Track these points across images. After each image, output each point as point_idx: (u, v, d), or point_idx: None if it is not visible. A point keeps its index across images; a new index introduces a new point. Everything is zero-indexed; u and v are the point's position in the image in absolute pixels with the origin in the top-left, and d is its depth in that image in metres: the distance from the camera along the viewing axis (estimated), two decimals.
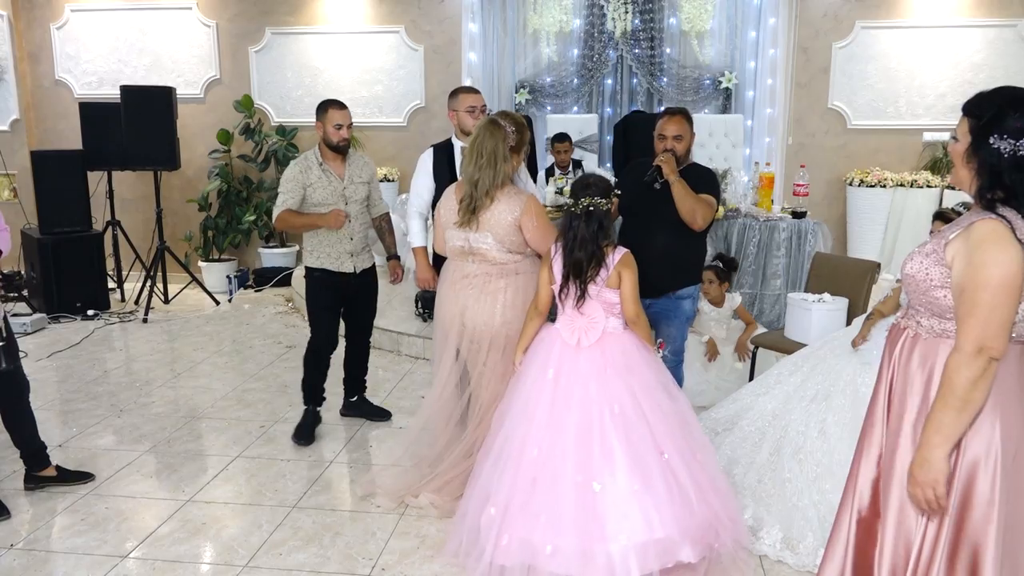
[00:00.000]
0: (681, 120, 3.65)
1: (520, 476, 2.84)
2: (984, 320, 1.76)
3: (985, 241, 1.77)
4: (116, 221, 7.30)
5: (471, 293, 3.32)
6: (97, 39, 8.13)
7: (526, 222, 3.22)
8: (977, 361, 1.77)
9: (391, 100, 8.02)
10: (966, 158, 1.87)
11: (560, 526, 2.74)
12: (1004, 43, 7.27)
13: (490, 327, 3.29)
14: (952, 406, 1.79)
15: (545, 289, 3.08)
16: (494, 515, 2.82)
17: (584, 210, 2.96)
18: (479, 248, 3.28)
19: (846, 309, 4.31)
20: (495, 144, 3.20)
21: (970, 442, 1.84)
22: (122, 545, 3.15)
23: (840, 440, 3.26)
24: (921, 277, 1.91)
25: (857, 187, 7.34)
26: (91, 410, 4.63)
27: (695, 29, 7.56)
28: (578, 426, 2.83)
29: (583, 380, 2.89)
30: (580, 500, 2.75)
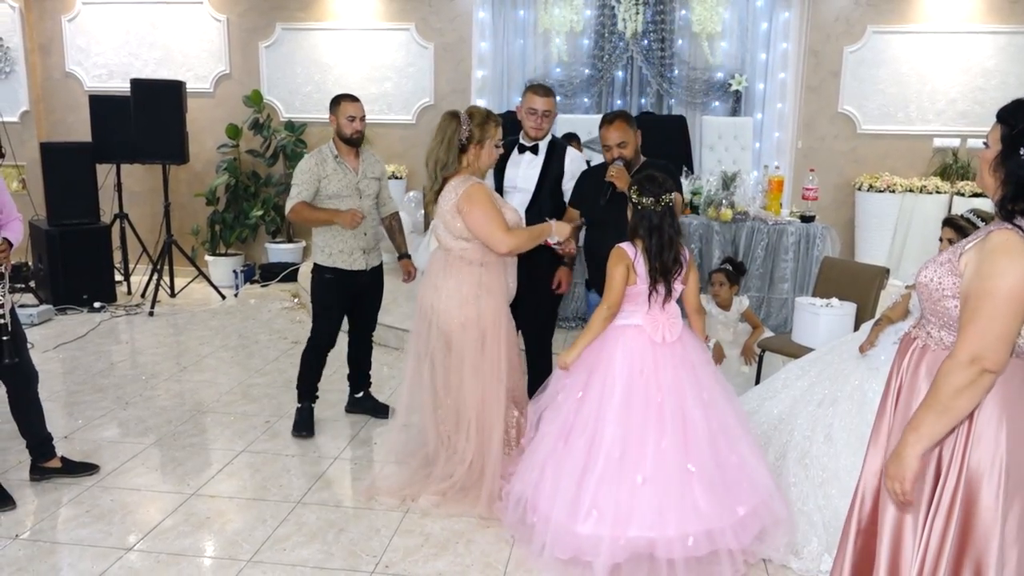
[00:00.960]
0: (621, 125, 3.67)
1: (628, 477, 2.84)
2: (983, 330, 1.72)
3: (996, 251, 1.74)
4: (124, 214, 7.32)
5: (431, 274, 3.42)
6: (108, 32, 8.14)
7: (465, 207, 3.23)
8: (968, 370, 1.74)
9: (400, 97, 8.02)
10: (994, 166, 1.82)
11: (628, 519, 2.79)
12: (1016, 49, 7.24)
13: (439, 313, 3.33)
14: (933, 409, 1.78)
15: (621, 288, 2.99)
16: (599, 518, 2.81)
17: (666, 208, 2.96)
18: (437, 234, 3.39)
19: (854, 314, 4.30)
20: (446, 130, 3.30)
21: (973, 452, 1.82)
22: (126, 538, 3.15)
23: (846, 445, 3.24)
24: (934, 287, 1.88)
25: (866, 192, 7.32)
26: (97, 402, 4.64)
27: (706, 30, 7.54)
28: (673, 415, 2.89)
29: (665, 375, 2.93)
30: (649, 493, 2.81)
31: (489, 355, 3.35)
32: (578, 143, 6.65)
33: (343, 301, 4.19)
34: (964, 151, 7.41)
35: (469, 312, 3.31)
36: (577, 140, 6.65)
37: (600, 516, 2.80)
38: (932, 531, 1.88)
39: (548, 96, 3.89)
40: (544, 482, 2.95)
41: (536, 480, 2.98)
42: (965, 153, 7.40)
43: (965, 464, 1.83)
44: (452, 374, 3.38)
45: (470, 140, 3.30)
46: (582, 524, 2.81)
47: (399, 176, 7.79)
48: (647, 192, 2.97)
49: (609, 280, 3.00)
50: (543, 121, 3.86)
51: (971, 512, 1.84)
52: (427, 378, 3.45)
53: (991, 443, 1.81)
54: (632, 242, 3.02)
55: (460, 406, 3.38)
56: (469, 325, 3.31)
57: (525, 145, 3.95)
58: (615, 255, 3.01)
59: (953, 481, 1.85)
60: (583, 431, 2.93)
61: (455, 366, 3.36)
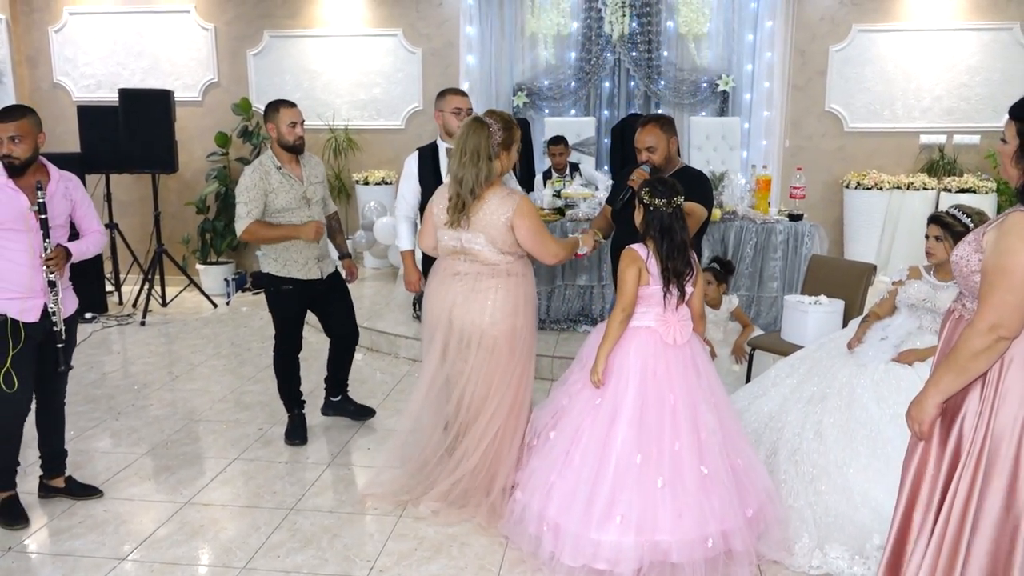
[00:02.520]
0: (653, 129, 3.69)
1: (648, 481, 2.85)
2: (1000, 302, 1.92)
3: (1012, 231, 1.92)
4: (114, 224, 7.30)
5: (460, 291, 3.30)
6: (95, 42, 8.14)
7: (518, 223, 3.21)
8: (985, 337, 1.95)
9: (389, 103, 8.04)
10: (1016, 159, 2.00)
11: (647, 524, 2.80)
12: (1000, 46, 7.30)
13: (478, 326, 3.27)
14: (953, 369, 2.01)
15: (634, 291, 2.99)
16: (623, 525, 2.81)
17: (676, 210, 2.98)
18: (471, 248, 3.27)
19: (842, 311, 4.33)
20: (478, 141, 3.18)
21: (999, 414, 1.99)
22: (120, 548, 3.15)
23: (836, 442, 3.27)
24: (963, 263, 2.08)
25: (854, 189, 7.36)
26: (89, 413, 4.63)
27: (692, 32, 7.58)
28: (686, 418, 2.91)
29: (677, 377, 2.96)
30: (666, 496, 2.83)
31: (520, 365, 3.35)
32: (566, 146, 6.68)
33: (302, 310, 4.15)
34: (950, 148, 7.46)
35: (513, 323, 3.30)
36: (565, 143, 6.68)
37: (624, 522, 2.79)
38: (959, 488, 2.04)
39: (466, 95, 4.05)
40: (554, 491, 2.93)
41: (546, 489, 2.96)
42: (951, 150, 7.46)
43: (990, 425, 2.00)
44: (480, 384, 3.31)
45: (500, 146, 3.25)
46: (602, 531, 2.80)
47: (389, 181, 7.81)
48: (659, 194, 2.98)
49: (621, 283, 3.01)
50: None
51: (991, 469, 2.00)
52: (443, 389, 3.42)
53: (1015, 403, 1.98)
54: (644, 243, 3.03)
55: (480, 414, 3.32)
56: (510, 335, 3.30)
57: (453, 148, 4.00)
58: (627, 257, 3.01)
59: (979, 442, 2.01)
60: (596, 436, 2.93)
61: (485, 377, 3.30)
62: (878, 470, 3.15)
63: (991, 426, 2.00)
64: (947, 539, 2.05)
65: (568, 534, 2.84)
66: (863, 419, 3.28)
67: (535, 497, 2.98)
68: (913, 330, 3.43)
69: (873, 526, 3.01)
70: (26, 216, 3.19)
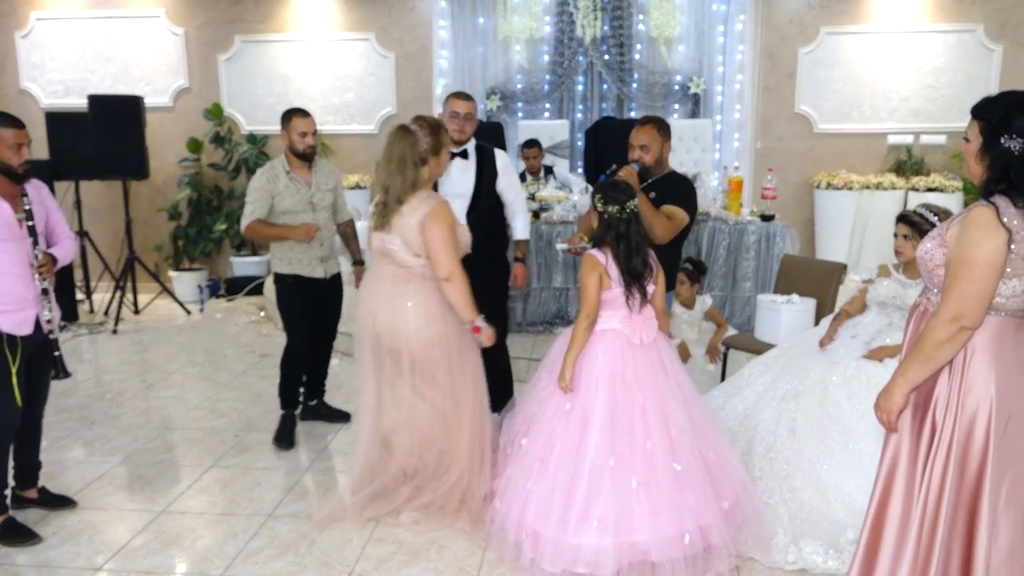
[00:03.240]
0: (649, 130, 3.68)
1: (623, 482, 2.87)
2: (962, 292, 2.00)
3: (974, 224, 2.01)
4: (84, 231, 7.21)
5: (382, 293, 3.30)
6: (63, 47, 8.04)
7: (429, 224, 3.17)
8: (949, 327, 2.03)
9: (362, 107, 8.02)
10: (979, 156, 2.08)
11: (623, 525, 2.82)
12: (964, 47, 7.44)
13: (402, 333, 3.25)
14: (918, 358, 2.10)
15: (596, 296, 3.01)
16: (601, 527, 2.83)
17: (631, 214, 3.00)
18: (390, 249, 3.28)
19: (814, 310, 4.39)
20: (404, 148, 3.20)
21: (966, 400, 2.08)
22: (95, 558, 3.12)
23: (809, 439, 3.31)
24: (928, 258, 2.15)
25: (824, 190, 7.46)
26: (61, 422, 4.57)
27: (663, 35, 7.64)
28: (656, 417, 2.94)
29: (645, 377, 2.99)
30: (641, 496, 2.85)
31: (467, 370, 3.32)
32: (540, 149, 6.71)
33: (307, 305, 4.22)
34: (917, 148, 7.58)
35: (438, 329, 3.26)
36: (538, 146, 6.71)
37: (601, 525, 2.81)
38: (932, 472, 2.12)
39: (469, 100, 3.96)
40: (531, 497, 2.94)
41: (523, 497, 2.97)
42: (918, 150, 7.58)
43: (959, 411, 2.08)
44: (421, 395, 3.29)
45: (428, 152, 3.25)
46: (580, 535, 2.81)
47: (363, 186, 7.78)
48: (612, 200, 3.01)
49: (584, 290, 3.04)
50: (465, 124, 3.91)
51: (967, 452, 2.09)
52: (388, 402, 3.36)
53: (982, 389, 2.06)
54: (601, 249, 3.05)
55: (431, 426, 3.31)
56: (438, 342, 3.26)
57: (453, 151, 4.00)
58: (587, 263, 3.03)
59: (949, 428, 2.09)
60: (569, 441, 2.94)
61: (424, 386, 3.29)
62: (851, 466, 3.20)
63: (959, 415, 2.08)
64: (925, 526, 2.11)
65: (547, 540, 2.85)
66: (836, 416, 3.33)
67: (513, 505, 2.99)
68: (883, 327, 3.49)
69: (847, 521, 3.06)
70: (11, 225, 3.15)
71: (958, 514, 2.10)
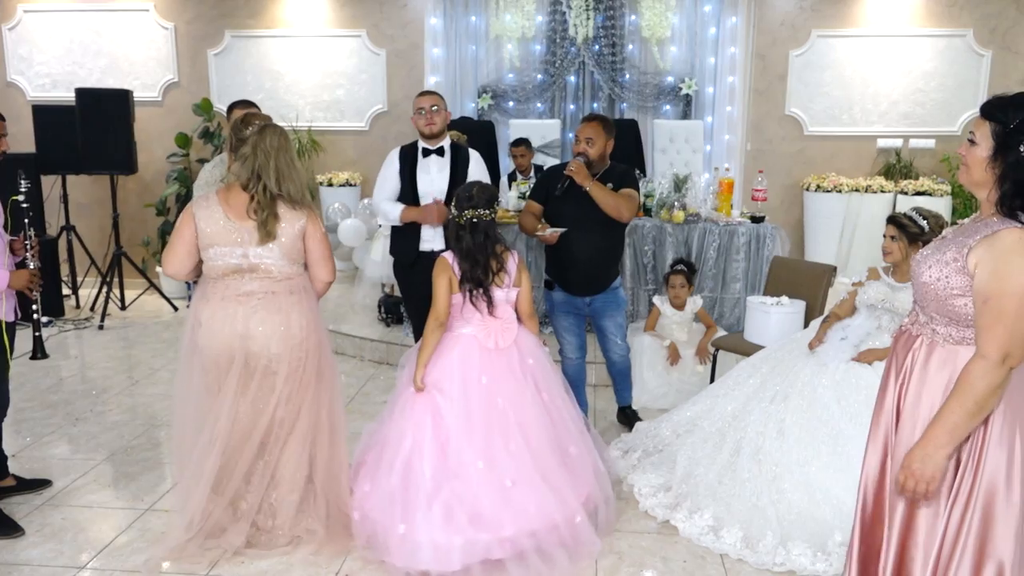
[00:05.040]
0: (595, 125, 3.92)
1: (484, 482, 2.92)
2: (1011, 329, 1.76)
3: (1012, 251, 1.77)
4: (71, 226, 7.16)
5: (254, 313, 2.96)
6: (51, 40, 7.97)
7: (311, 229, 3.02)
8: (1001, 369, 1.78)
9: (353, 104, 7.99)
10: (988, 163, 1.85)
11: (480, 522, 2.87)
12: (954, 52, 7.47)
13: (280, 349, 2.97)
14: (968, 410, 1.80)
15: (445, 298, 3.08)
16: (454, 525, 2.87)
17: (468, 222, 3.07)
18: (261, 264, 2.96)
19: (803, 312, 4.40)
20: (288, 148, 2.97)
21: (989, 456, 1.86)
22: (78, 556, 3.09)
23: (798, 440, 3.32)
24: (941, 286, 1.89)
25: (814, 192, 7.48)
26: (45, 419, 4.53)
27: (655, 35, 7.63)
28: (515, 419, 3.00)
29: (504, 380, 3.04)
30: (499, 494, 2.90)
31: (328, 383, 3.16)
32: (528, 147, 6.70)
33: None
34: (906, 151, 7.61)
35: (314, 339, 3.07)
36: (527, 144, 6.70)
37: (463, 521, 2.85)
38: (949, 525, 1.90)
39: (432, 95, 4.05)
40: (394, 503, 2.93)
41: (385, 503, 2.95)
42: (907, 153, 7.61)
43: (983, 463, 1.87)
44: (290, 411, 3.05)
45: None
46: (443, 533, 2.84)
47: (353, 183, 7.76)
48: (456, 206, 3.13)
49: (434, 292, 3.11)
50: (433, 116, 3.96)
51: (990, 515, 1.87)
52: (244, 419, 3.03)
53: (1007, 446, 1.85)
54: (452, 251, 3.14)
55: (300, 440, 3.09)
56: (315, 353, 3.07)
57: (429, 148, 4.02)
58: (438, 265, 3.12)
59: (970, 479, 1.88)
60: (432, 445, 2.97)
61: (294, 402, 3.04)
62: (839, 468, 3.21)
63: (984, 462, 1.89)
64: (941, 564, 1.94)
65: (405, 539, 2.86)
66: (824, 418, 3.33)
67: (375, 512, 2.99)
68: (872, 330, 3.50)
69: (834, 523, 3.06)
70: None
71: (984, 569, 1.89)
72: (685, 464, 3.54)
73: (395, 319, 5.98)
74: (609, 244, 3.98)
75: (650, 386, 4.75)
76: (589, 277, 3.97)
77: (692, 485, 3.42)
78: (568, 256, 3.91)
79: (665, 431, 3.93)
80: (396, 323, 5.97)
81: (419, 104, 4.00)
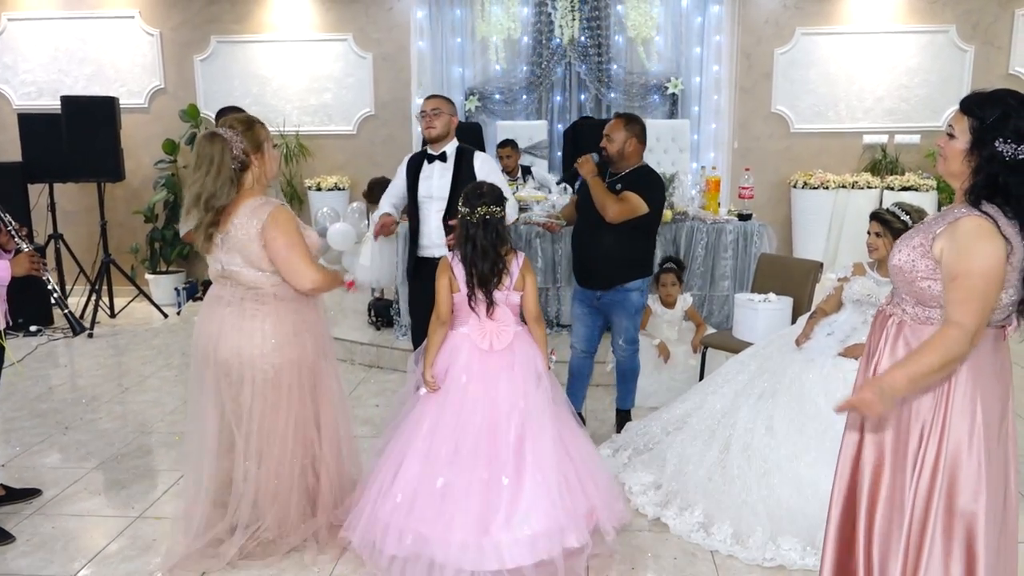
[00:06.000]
0: (617, 122, 3.96)
1: (429, 476, 2.91)
2: (981, 303, 1.88)
3: (973, 235, 1.88)
4: (59, 234, 7.13)
5: (227, 319, 2.94)
6: (36, 48, 7.94)
7: (270, 235, 2.85)
8: (974, 338, 1.90)
9: (340, 108, 7.99)
10: (966, 156, 1.95)
11: (467, 521, 2.83)
12: (937, 48, 7.52)
13: (246, 359, 2.91)
14: (933, 367, 1.91)
15: (446, 298, 3.04)
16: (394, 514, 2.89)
17: (481, 219, 3.01)
18: (231, 271, 2.93)
19: (791, 308, 4.42)
20: (212, 153, 2.83)
21: (952, 427, 1.97)
22: (70, 565, 3.08)
23: (786, 436, 3.34)
24: (908, 268, 2.02)
25: (801, 189, 7.52)
26: (35, 428, 4.52)
27: (641, 35, 7.65)
28: (488, 425, 2.95)
29: (494, 381, 3.00)
30: (487, 495, 2.87)
31: (325, 396, 3.11)
32: (515, 148, 6.72)
33: None
34: (892, 147, 7.66)
35: (290, 354, 2.96)
36: (513, 146, 6.72)
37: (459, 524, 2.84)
38: (918, 492, 2.00)
39: (434, 98, 4.05)
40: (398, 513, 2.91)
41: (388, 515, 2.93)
42: (893, 149, 7.65)
43: (947, 432, 1.97)
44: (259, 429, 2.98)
45: (248, 152, 2.89)
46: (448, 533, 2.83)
47: (341, 187, 7.75)
48: (466, 202, 3.05)
49: (436, 292, 3.07)
50: (433, 119, 3.95)
51: (955, 483, 1.97)
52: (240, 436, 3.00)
53: (969, 417, 1.96)
54: (455, 251, 3.09)
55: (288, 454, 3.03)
56: (288, 368, 2.96)
57: (433, 154, 4.03)
58: (440, 265, 3.10)
59: (935, 447, 1.98)
60: (426, 444, 2.96)
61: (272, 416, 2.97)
62: (827, 463, 3.19)
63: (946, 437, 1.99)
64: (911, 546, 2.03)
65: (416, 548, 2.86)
66: (812, 413, 3.35)
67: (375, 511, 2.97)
68: (858, 325, 3.52)
69: (823, 517, 3.07)
70: None
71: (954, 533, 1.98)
72: (675, 462, 3.56)
73: (385, 322, 5.98)
74: (622, 245, 3.88)
75: (640, 384, 4.75)
76: (595, 273, 3.99)
77: (682, 482, 3.43)
78: (573, 248, 4.13)
79: (655, 429, 3.95)
80: (386, 326, 5.97)
81: (422, 107, 4.02)
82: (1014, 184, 1.88)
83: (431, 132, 3.97)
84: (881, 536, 2.08)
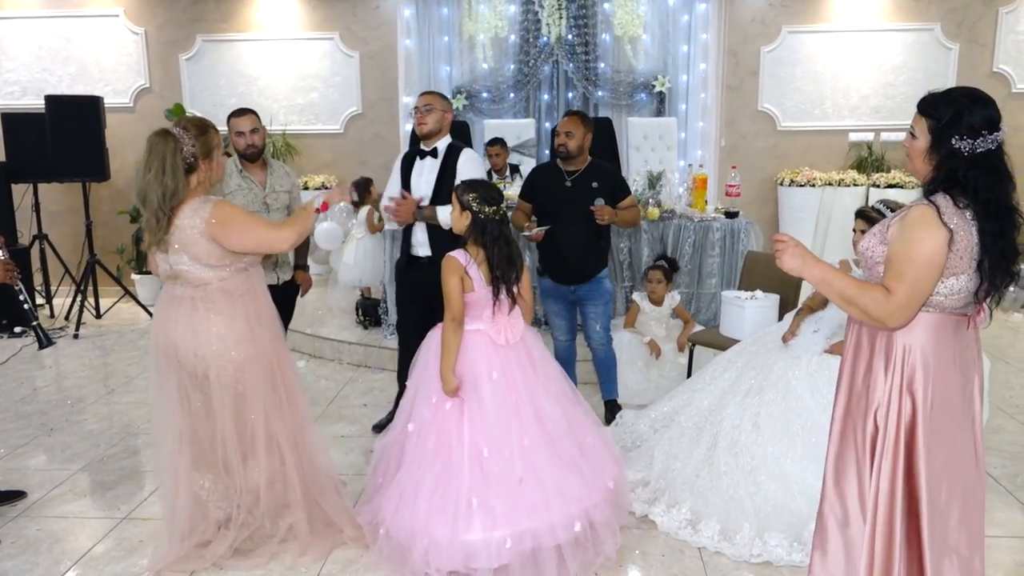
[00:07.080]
0: (573, 120, 4.12)
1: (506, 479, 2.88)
2: (911, 286, 1.96)
3: (916, 223, 1.96)
4: (43, 235, 7.08)
5: (181, 318, 2.93)
6: (19, 47, 7.88)
7: (218, 231, 2.83)
8: (885, 310, 1.97)
9: (327, 107, 7.97)
10: (926, 154, 2.03)
11: (512, 516, 2.83)
12: (922, 46, 7.57)
13: (204, 358, 2.90)
14: (842, 297, 2.04)
15: (459, 298, 2.97)
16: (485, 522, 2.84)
17: (503, 217, 2.99)
18: (180, 270, 2.92)
19: (778, 305, 4.44)
20: (163, 153, 2.81)
21: (905, 406, 2.05)
22: (55, 567, 3.06)
23: (773, 433, 3.35)
24: (869, 254, 2.12)
25: (787, 187, 7.55)
26: (20, 430, 4.48)
27: (628, 34, 7.67)
28: (529, 413, 2.96)
29: (516, 375, 3.00)
30: (527, 488, 2.86)
31: (287, 387, 3.08)
32: (503, 147, 6.72)
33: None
34: (878, 145, 7.70)
35: (247, 350, 2.94)
36: (501, 144, 6.71)
37: (485, 519, 2.83)
38: (881, 476, 2.08)
39: (427, 94, 4.08)
40: (417, 506, 2.90)
41: (407, 507, 2.92)
42: (879, 147, 7.70)
43: (900, 415, 2.05)
44: (242, 423, 2.98)
45: (197, 156, 2.88)
46: (468, 532, 2.82)
47: (329, 186, 7.73)
48: (488, 200, 2.97)
49: (446, 294, 2.97)
50: (425, 115, 3.96)
51: (913, 454, 2.06)
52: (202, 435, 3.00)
53: (920, 397, 2.04)
54: (466, 249, 3.01)
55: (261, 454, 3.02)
56: (249, 364, 2.95)
57: (424, 150, 4.04)
58: (447, 266, 2.98)
59: (893, 430, 2.06)
60: (447, 445, 2.93)
61: (244, 412, 2.98)
62: (814, 459, 3.23)
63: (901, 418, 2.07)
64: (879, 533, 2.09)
65: (436, 542, 2.83)
66: (798, 410, 3.37)
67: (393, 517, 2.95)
68: (844, 322, 3.53)
69: (810, 514, 3.09)
70: None
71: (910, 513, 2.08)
72: (663, 459, 3.57)
73: (373, 321, 5.97)
74: (593, 237, 4.15)
75: (630, 382, 4.77)
76: (574, 268, 4.18)
77: (670, 480, 3.44)
78: (555, 249, 4.15)
79: (643, 426, 3.96)
80: (374, 325, 5.96)
81: (416, 104, 4.05)
82: (973, 177, 1.95)
83: (422, 128, 3.97)
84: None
